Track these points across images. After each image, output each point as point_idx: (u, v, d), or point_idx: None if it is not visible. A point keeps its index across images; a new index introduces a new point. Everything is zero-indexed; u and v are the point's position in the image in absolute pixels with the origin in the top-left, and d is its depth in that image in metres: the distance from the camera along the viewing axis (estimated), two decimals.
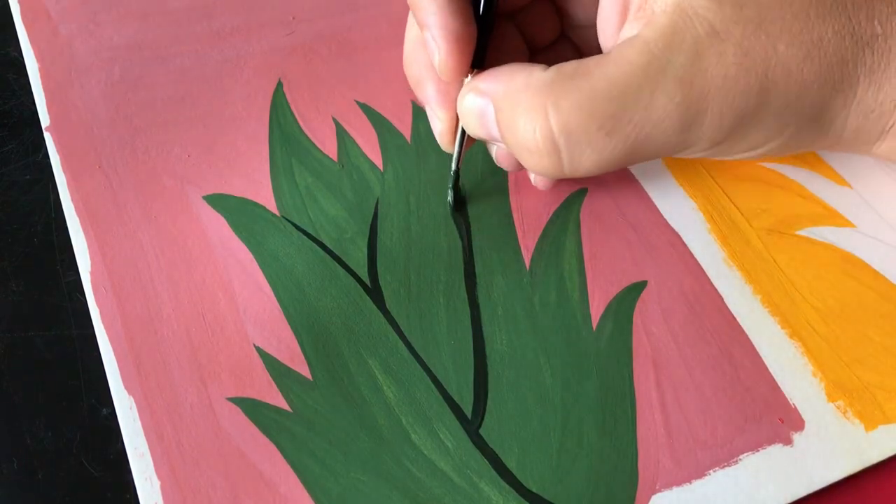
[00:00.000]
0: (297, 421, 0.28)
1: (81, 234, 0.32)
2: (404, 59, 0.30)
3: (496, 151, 0.31)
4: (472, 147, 0.35)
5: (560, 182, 0.34)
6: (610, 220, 0.34)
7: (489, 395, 0.29)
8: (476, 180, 0.34)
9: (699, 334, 0.31)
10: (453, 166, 0.31)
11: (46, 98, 0.35)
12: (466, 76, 0.27)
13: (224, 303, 0.30)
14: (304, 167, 0.34)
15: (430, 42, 0.26)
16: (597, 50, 0.30)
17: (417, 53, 0.29)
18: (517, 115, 0.25)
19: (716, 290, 0.32)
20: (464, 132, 0.30)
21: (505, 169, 0.32)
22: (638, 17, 0.25)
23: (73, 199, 0.33)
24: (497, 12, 0.27)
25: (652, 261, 0.32)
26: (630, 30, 0.25)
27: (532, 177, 0.32)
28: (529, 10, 0.30)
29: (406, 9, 0.39)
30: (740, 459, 0.28)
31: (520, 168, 0.32)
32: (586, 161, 0.25)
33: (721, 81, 0.24)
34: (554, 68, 0.25)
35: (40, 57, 0.37)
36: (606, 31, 0.27)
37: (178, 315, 0.30)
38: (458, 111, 0.28)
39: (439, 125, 0.29)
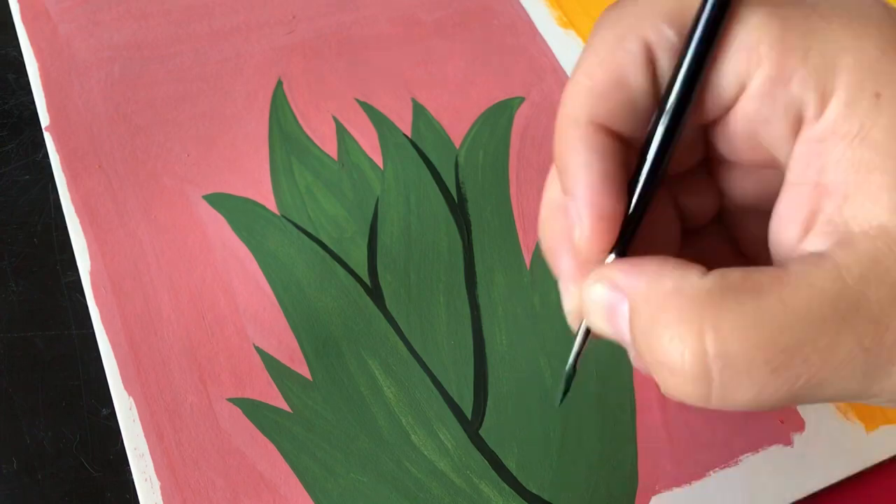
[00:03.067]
0: (296, 421, 0.28)
1: (81, 233, 0.32)
2: (539, 223, 0.26)
3: (633, 354, 0.25)
4: (472, 139, 0.35)
5: None
6: None
7: (489, 395, 0.29)
8: (477, 179, 0.34)
9: None
10: (570, 360, 0.25)
11: (46, 97, 0.35)
12: (608, 257, 0.23)
13: (224, 303, 0.30)
14: (303, 166, 0.34)
15: (573, 213, 0.22)
16: (756, 244, 0.26)
17: (555, 220, 0.25)
18: (661, 327, 0.20)
19: None
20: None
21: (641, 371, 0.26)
22: (827, 230, 0.21)
23: (72, 199, 0.33)
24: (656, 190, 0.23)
25: None
26: (815, 243, 0.21)
27: (662, 388, 0.24)
28: (687, 182, 0.26)
29: (406, 8, 0.39)
30: (740, 460, 0.28)
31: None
32: (741, 396, 0.21)
33: None
34: (715, 274, 0.20)
35: (40, 56, 0.37)
36: (783, 235, 0.22)
37: (178, 315, 0.30)
38: (583, 301, 0.23)
39: (572, 303, 0.24)
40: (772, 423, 0.29)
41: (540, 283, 0.31)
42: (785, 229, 0.22)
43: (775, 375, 0.20)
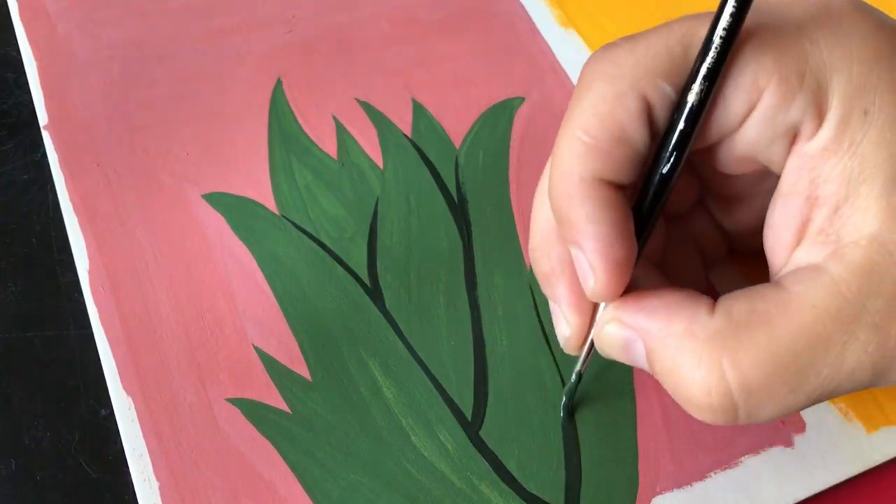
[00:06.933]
0: (296, 422, 0.28)
1: (80, 233, 0.32)
2: (530, 249, 0.26)
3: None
4: (472, 139, 0.35)
5: None
6: None
7: (489, 396, 0.29)
8: (477, 179, 0.34)
9: None
10: (577, 367, 0.27)
11: (45, 97, 0.35)
12: None
13: (223, 302, 0.30)
14: (303, 165, 0.34)
15: (582, 264, 0.23)
16: (736, 224, 0.28)
17: (549, 246, 0.26)
18: (683, 367, 0.22)
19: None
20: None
21: None
22: (819, 240, 0.22)
23: (71, 198, 0.32)
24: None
25: None
26: (809, 254, 0.22)
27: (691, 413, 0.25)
28: None
29: (406, 8, 0.39)
30: (741, 461, 0.28)
31: None
32: (765, 414, 0.22)
33: None
34: (722, 313, 0.22)
35: (39, 55, 0.36)
36: (777, 243, 0.23)
37: (177, 315, 0.30)
38: (596, 338, 0.24)
39: (568, 331, 0.26)
40: (772, 425, 0.29)
41: None
42: (779, 237, 0.23)
43: (794, 393, 0.22)
